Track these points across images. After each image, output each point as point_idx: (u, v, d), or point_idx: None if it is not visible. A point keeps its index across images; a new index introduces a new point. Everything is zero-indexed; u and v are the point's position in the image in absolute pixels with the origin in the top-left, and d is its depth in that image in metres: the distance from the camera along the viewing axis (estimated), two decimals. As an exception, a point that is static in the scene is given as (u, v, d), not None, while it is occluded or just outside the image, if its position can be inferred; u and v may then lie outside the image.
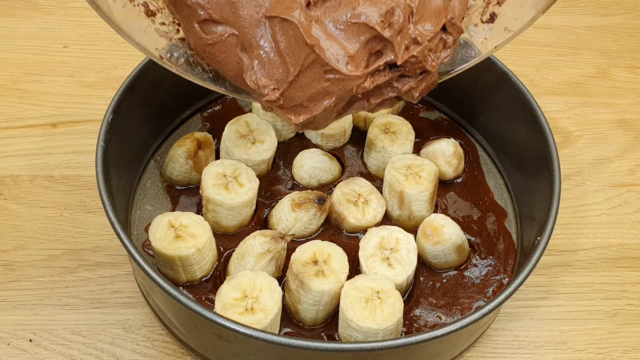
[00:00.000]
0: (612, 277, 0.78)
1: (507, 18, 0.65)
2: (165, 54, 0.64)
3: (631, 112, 0.95)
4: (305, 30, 0.59)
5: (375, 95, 0.64)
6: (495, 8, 0.66)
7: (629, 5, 1.09)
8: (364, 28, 0.59)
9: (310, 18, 0.60)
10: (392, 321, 0.61)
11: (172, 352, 0.70)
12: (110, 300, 0.72)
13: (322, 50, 0.60)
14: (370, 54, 0.61)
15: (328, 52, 0.60)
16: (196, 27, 0.62)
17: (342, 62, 0.60)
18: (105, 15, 0.58)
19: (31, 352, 0.69)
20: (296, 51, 0.60)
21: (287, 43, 0.61)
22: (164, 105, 0.78)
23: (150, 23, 0.63)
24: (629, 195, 0.85)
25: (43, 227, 0.77)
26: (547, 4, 0.62)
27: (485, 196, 0.78)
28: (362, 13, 0.59)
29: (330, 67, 0.60)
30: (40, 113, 0.88)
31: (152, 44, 0.63)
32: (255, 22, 0.62)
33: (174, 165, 0.75)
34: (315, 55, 0.60)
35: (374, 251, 0.67)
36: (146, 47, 0.62)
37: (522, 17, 0.64)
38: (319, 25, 0.60)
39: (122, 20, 0.60)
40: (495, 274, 0.71)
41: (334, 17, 0.61)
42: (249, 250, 0.66)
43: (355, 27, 0.60)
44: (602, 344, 0.73)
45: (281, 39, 0.61)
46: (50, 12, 1.01)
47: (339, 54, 0.60)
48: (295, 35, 0.60)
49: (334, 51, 0.60)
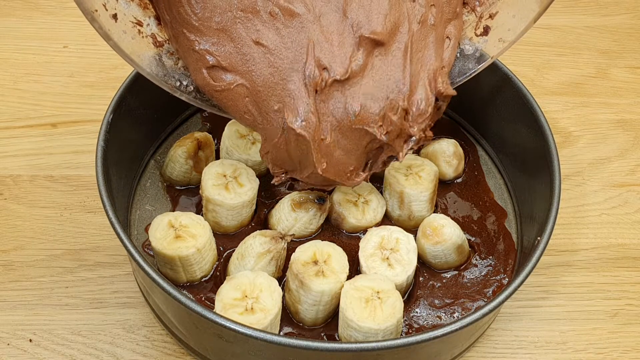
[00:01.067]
0: (612, 277, 0.78)
1: (500, 30, 0.67)
2: (175, 82, 0.66)
3: (631, 112, 0.95)
4: (317, 156, 0.64)
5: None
6: (488, 21, 0.67)
7: (629, 6, 1.09)
8: (365, 132, 0.64)
9: (321, 132, 0.65)
10: (392, 321, 0.61)
11: (172, 352, 0.70)
12: (110, 300, 0.72)
13: (329, 172, 0.65)
14: (369, 152, 0.66)
15: (333, 170, 0.65)
16: (204, 73, 0.64)
17: (344, 177, 0.66)
18: (116, 46, 0.61)
19: (31, 352, 0.69)
20: (305, 162, 0.66)
21: (297, 149, 0.65)
22: (164, 105, 0.78)
23: (159, 51, 0.65)
24: (629, 195, 0.85)
25: (43, 227, 0.77)
26: (538, 14, 0.64)
27: (485, 196, 0.78)
28: (364, 118, 0.64)
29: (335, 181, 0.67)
30: (40, 113, 0.88)
31: (171, 78, 0.66)
32: (268, 84, 0.65)
33: (174, 165, 0.75)
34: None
35: (374, 251, 0.67)
36: (162, 80, 0.65)
37: (515, 28, 0.66)
38: (327, 142, 0.65)
39: (132, 50, 0.63)
40: (495, 274, 0.71)
41: (338, 120, 0.65)
42: (249, 250, 0.66)
43: (357, 131, 0.65)
44: (602, 344, 0.73)
45: (292, 140, 0.64)
46: (51, 12, 1.01)
47: (344, 170, 0.66)
48: (306, 148, 0.64)
49: (340, 168, 0.66)
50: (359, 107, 0.64)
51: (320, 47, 0.64)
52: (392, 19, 0.64)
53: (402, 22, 0.65)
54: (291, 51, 0.64)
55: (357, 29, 0.64)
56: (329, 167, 0.65)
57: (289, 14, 0.63)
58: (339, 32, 0.64)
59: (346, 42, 0.64)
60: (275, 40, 0.64)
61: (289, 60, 0.64)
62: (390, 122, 0.64)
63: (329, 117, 0.65)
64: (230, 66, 0.64)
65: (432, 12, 0.65)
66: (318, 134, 0.64)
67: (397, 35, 0.65)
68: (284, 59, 0.64)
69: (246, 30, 0.63)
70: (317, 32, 0.64)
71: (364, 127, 0.64)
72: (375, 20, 0.64)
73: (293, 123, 0.63)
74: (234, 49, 0.64)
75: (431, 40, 0.66)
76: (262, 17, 0.63)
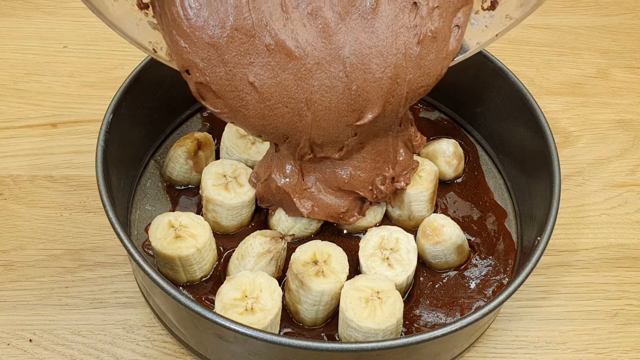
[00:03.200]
0: (612, 277, 0.78)
1: (508, 5, 0.64)
2: (160, 48, 0.62)
3: (631, 112, 0.95)
4: (299, 202, 0.68)
5: None
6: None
7: (628, 5, 1.09)
8: (355, 192, 0.68)
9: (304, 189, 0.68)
10: (392, 321, 0.61)
11: (172, 352, 0.70)
12: (110, 300, 0.72)
13: (318, 214, 0.69)
14: (362, 198, 0.70)
15: (323, 212, 0.69)
16: (191, 85, 0.61)
17: (337, 218, 0.69)
18: (97, 9, 0.57)
19: (31, 352, 0.69)
20: (290, 205, 0.69)
21: (279, 194, 0.69)
22: (164, 105, 0.78)
23: (143, 16, 0.61)
24: (629, 196, 0.85)
25: (43, 227, 0.77)
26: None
27: (485, 196, 0.78)
28: (354, 185, 0.68)
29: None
30: (40, 113, 0.88)
31: (146, 37, 0.61)
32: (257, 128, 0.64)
33: (174, 165, 0.75)
34: None
35: (374, 251, 0.67)
36: (139, 40, 0.61)
37: (525, 5, 0.63)
38: (312, 190, 0.68)
39: (114, 13, 0.59)
40: (495, 274, 0.71)
41: (326, 179, 0.68)
42: (249, 250, 0.66)
43: (347, 191, 0.68)
44: (602, 344, 0.73)
45: (273, 187, 0.69)
46: (51, 12, 1.01)
47: (335, 212, 0.69)
48: (289, 197, 0.69)
49: (330, 210, 0.69)
50: (348, 177, 0.67)
51: (317, 117, 0.62)
52: (386, 94, 0.62)
53: (395, 92, 0.63)
54: (287, 108, 0.61)
55: (357, 108, 0.62)
56: (318, 210, 0.68)
57: (285, 53, 0.59)
58: (337, 100, 0.61)
59: (342, 119, 0.62)
60: (270, 88, 0.60)
61: (284, 121, 0.62)
62: (380, 190, 0.68)
63: (316, 174, 0.68)
64: (219, 93, 0.61)
65: (431, 25, 0.62)
66: (300, 186, 0.67)
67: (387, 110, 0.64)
68: (277, 116, 0.61)
69: (239, 57, 0.59)
70: (316, 88, 0.61)
71: (354, 190, 0.67)
72: (373, 101, 0.62)
73: (278, 180, 0.67)
74: (226, 75, 0.60)
75: None
76: (258, 47, 0.59)
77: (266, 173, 0.68)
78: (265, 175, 0.68)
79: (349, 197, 0.69)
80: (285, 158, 0.67)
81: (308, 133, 0.63)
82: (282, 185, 0.67)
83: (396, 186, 0.69)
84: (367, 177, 0.68)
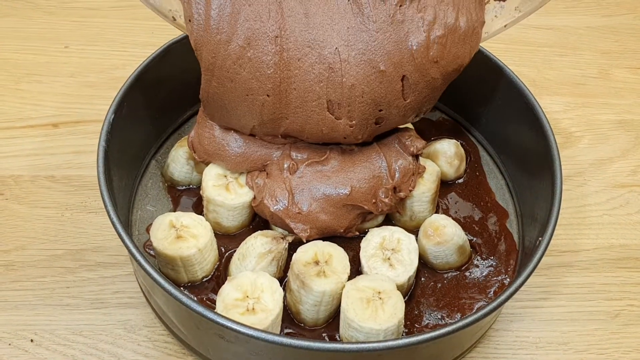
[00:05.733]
0: (613, 278, 0.78)
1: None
2: (179, 16, 0.64)
3: (632, 112, 0.95)
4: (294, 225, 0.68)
5: None
6: None
7: (630, 6, 1.09)
8: (357, 206, 0.68)
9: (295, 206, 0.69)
10: (394, 322, 0.61)
11: (174, 353, 0.70)
12: (111, 300, 0.72)
13: (317, 236, 0.69)
14: (364, 214, 0.70)
15: (322, 232, 0.69)
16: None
17: (337, 234, 0.69)
18: None
19: (32, 352, 0.69)
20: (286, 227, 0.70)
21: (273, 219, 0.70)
22: (166, 106, 0.78)
23: None
24: (631, 196, 0.85)
25: (44, 228, 0.77)
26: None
27: (487, 196, 0.78)
28: (356, 198, 0.68)
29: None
30: (41, 113, 0.88)
31: (166, 5, 0.64)
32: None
33: (175, 166, 0.75)
34: None
35: (375, 251, 0.67)
36: (160, 8, 0.63)
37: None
38: (305, 213, 0.68)
39: None
40: (496, 275, 0.71)
41: (326, 195, 0.68)
42: (250, 250, 0.66)
43: (348, 206, 0.68)
44: (603, 345, 0.73)
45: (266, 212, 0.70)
46: (51, 12, 1.01)
47: (334, 230, 0.69)
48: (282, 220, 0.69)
49: (329, 230, 0.69)
50: (349, 190, 0.67)
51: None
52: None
53: None
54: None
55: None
56: (317, 231, 0.68)
57: None
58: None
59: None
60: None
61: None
62: (385, 203, 0.68)
63: (311, 192, 0.68)
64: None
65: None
66: (293, 210, 0.67)
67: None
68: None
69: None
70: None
71: (358, 204, 0.68)
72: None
73: (271, 207, 0.68)
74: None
75: None
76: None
77: (259, 197, 0.69)
78: (257, 201, 0.69)
79: (351, 213, 0.69)
80: (276, 180, 0.68)
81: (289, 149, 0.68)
82: (274, 212, 0.68)
83: (400, 196, 0.69)
84: (369, 188, 0.68)
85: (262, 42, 0.62)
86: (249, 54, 0.63)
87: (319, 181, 0.68)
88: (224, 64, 0.63)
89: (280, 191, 0.68)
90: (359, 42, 0.62)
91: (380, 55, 0.63)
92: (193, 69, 0.67)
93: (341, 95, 0.64)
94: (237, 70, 0.63)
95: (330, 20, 0.63)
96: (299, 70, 0.63)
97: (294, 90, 0.64)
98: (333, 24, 0.63)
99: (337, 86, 0.63)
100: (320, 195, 0.68)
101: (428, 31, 0.62)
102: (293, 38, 0.62)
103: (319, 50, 0.63)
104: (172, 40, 0.75)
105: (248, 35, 0.62)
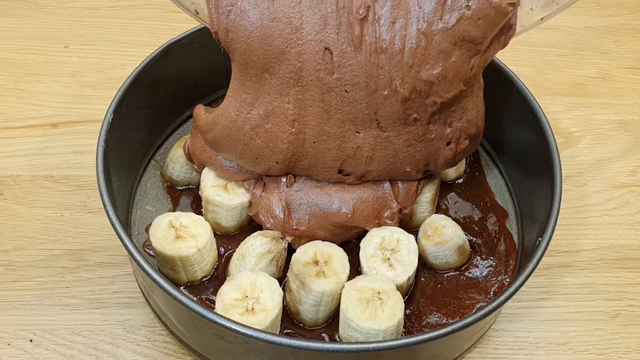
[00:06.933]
0: (613, 278, 0.78)
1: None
2: (202, 10, 0.64)
3: (632, 112, 0.95)
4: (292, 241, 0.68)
5: None
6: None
7: (630, 6, 1.09)
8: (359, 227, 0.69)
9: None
10: (393, 322, 0.61)
11: (173, 353, 0.70)
12: (110, 300, 0.72)
13: None
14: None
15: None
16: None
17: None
18: None
19: (32, 352, 0.69)
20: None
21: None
22: (165, 106, 0.78)
23: None
24: (630, 196, 0.85)
25: (43, 227, 0.77)
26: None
27: (486, 197, 0.78)
28: (358, 220, 0.68)
29: None
30: (40, 113, 0.88)
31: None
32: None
33: (174, 166, 0.74)
34: None
35: (375, 252, 0.67)
36: (183, 2, 0.64)
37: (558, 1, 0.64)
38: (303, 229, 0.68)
39: None
40: (496, 275, 0.71)
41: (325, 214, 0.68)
42: (250, 250, 0.66)
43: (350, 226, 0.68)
44: (603, 345, 0.73)
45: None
46: (51, 12, 1.00)
47: (334, 240, 0.68)
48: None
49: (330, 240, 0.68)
50: (352, 211, 0.67)
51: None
52: None
53: None
54: None
55: None
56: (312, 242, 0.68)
57: None
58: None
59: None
60: None
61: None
62: (387, 224, 0.68)
63: (309, 209, 0.68)
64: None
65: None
66: (289, 226, 0.67)
67: None
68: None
69: None
70: None
71: (359, 225, 0.68)
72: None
73: (266, 222, 0.68)
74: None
75: None
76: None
77: (255, 209, 0.69)
78: (254, 211, 0.69)
79: (350, 232, 0.69)
80: (272, 193, 0.68)
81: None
82: (270, 228, 0.68)
83: (404, 214, 0.69)
84: (372, 210, 0.68)
85: (281, 120, 0.63)
86: (267, 126, 0.63)
87: (318, 197, 0.68)
88: (243, 126, 0.64)
89: (276, 206, 0.68)
90: (385, 149, 0.64)
91: (407, 162, 0.65)
92: (192, 69, 0.67)
93: (355, 169, 0.66)
94: (253, 137, 0.64)
95: (354, 126, 0.63)
96: (314, 149, 0.64)
97: (304, 160, 0.65)
98: (355, 129, 0.63)
99: (354, 164, 0.65)
100: (319, 212, 0.68)
101: (455, 144, 0.66)
102: (311, 126, 0.63)
103: (339, 142, 0.64)
104: (172, 40, 0.75)
105: (268, 109, 0.63)
